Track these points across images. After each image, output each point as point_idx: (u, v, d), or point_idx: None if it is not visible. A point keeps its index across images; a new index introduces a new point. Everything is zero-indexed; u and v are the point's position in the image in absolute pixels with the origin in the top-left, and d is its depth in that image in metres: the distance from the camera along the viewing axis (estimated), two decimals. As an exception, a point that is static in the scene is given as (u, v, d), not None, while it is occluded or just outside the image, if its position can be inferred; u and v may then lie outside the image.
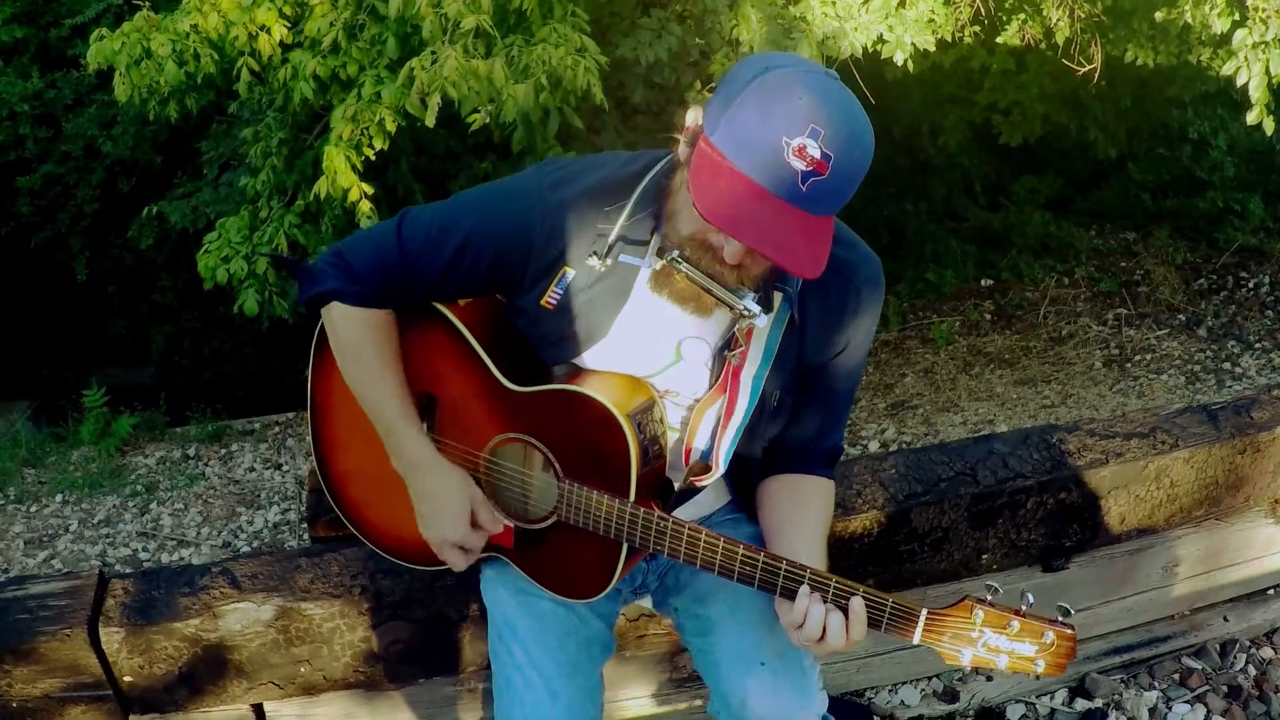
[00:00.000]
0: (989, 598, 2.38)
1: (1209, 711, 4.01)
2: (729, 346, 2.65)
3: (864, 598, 2.44)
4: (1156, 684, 4.12)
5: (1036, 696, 4.08)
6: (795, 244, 2.26)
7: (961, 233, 10.26)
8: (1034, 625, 2.37)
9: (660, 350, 2.68)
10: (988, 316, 9.18)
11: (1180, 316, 8.81)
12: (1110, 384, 7.89)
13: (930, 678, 4.08)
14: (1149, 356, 8.25)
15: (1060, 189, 10.84)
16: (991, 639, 2.39)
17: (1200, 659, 4.20)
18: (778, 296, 2.62)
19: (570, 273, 2.62)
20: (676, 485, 2.76)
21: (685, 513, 2.73)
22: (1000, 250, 9.98)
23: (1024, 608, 2.38)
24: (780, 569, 2.49)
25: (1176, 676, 4.15)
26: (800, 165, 2.18)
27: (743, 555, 2.52)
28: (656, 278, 2.54)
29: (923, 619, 2.41)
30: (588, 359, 2.70)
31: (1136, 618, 4.19)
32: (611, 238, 2.56)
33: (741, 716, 2.77)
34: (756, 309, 2.47)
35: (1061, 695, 4.09)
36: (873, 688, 4.04)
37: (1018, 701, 4.06)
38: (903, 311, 9.36)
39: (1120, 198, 10.67)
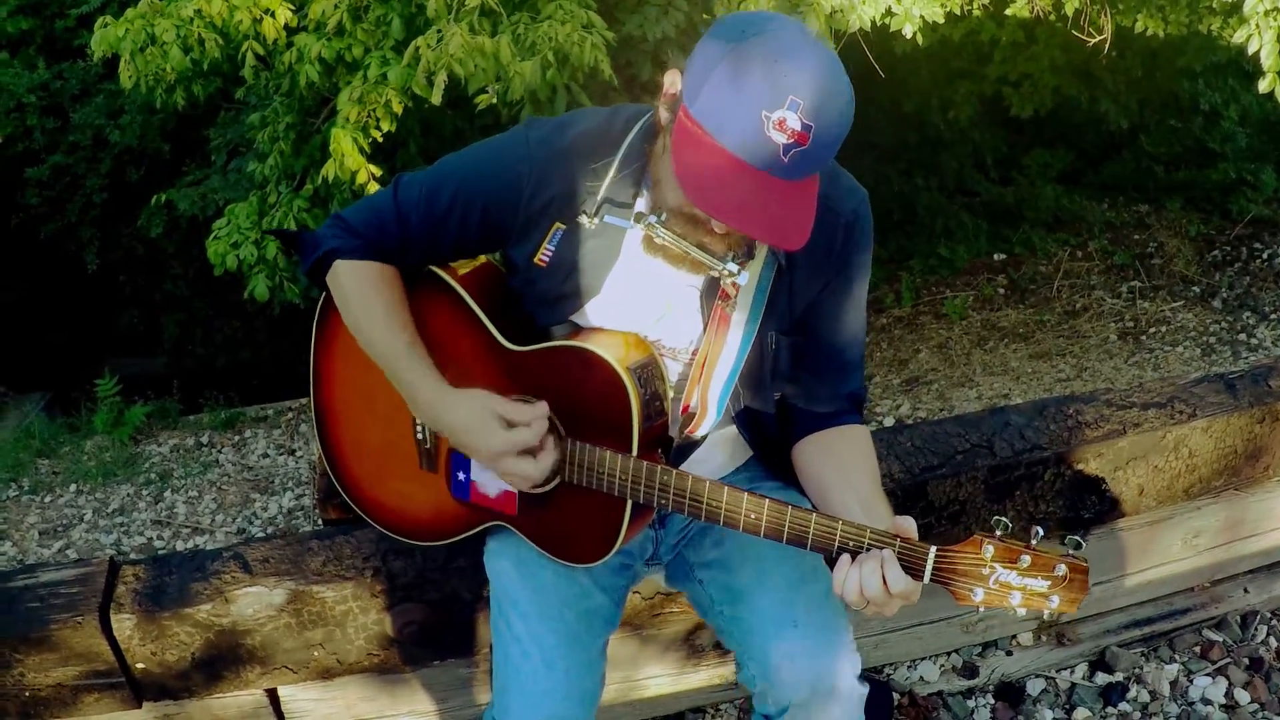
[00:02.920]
0: (998, 533, 2.34)
1: (1230, 684, 3.99)
2: (719, 296, 2.64)
3: (871, 541, 2.41)
4: (1177, 657, 4.09)
5: (1056, 671, 4.05)
6: (779, 216, 2.27)
7: (973, 207, 10.25)
8: (1045, 558, 2.31)
9: (652, 303, 2.69)
10: (1001, 291, 9.17)
11: (1195, 288, 8.79)
12: (1125, 356, 7.86)
13: (949, 653, 4.06)
14: (1164, 329, 8.23)
15: (1072, 162, 10.83)
16: (1003, 575, 2.33)
17: (1221, 631, 4.18)
18: (762, 244, 2.61)
19: (562, 229, 2.64)
20: (675, 440, 2.75)
21: (702, 473, 2.71)
22: (1012, 224, 9.97)
23: (1033, 542, 2.34)
24: (786, 514, 2.47)
25: (1197, 649, 4.12)
26: (781, 139, 2.18)
27: (747, 503, 2.50)
28: (649, 243, 2.55)
29: (931, 556, 2.36)
30: (583, 317, 2.72)
31: (1156, 590, 4.16)
32: (599, 197, 2.59)
33: (777, 679, 2.74)
34: (736, 268, 2.47)
35: (1082, 669, 4.06)
36: (891, 664, 4.02)
37: (1038, 676, 4.03)
38: (915, 287, 9.36)
39: (1132, 170, 10.65)
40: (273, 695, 3.55)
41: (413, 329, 2.73)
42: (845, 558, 2.43)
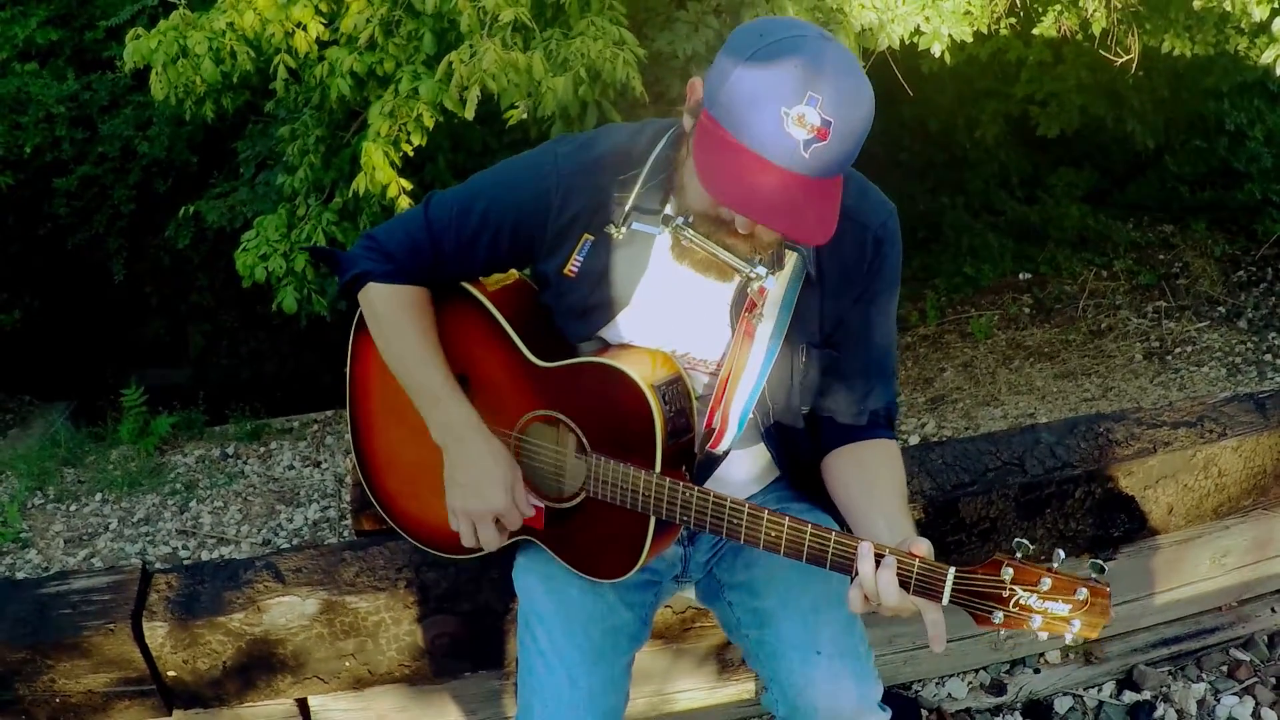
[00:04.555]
0: (1018, 554, 2.34)
1: (1258, 703, 3.98)
2: (746, 308, 2.65)
3: (890, 554, 2.40)
4: (1204, 676, 4.09)
5: (1084, 689, 4.05)
6: (803, 213, 2.29)
7: (999, 226, 10.23)
8: (1066, 582, 2.29)
9: (683, 315, 2.71)
10: (1026, 310, 9.15)
11: (1220, 308, 8.76)
12: (1151, 376, 7.84)
13: (977, 670, 4.06)
14: (1189, 349, 8.20)
15: (1097, 182, 10.79)
16: (1023, 598, 2.31)
17: (1248, 650, 4.17)
18: (791, 255, 2.64)
19: (591, 240, 2.68)
20: (697, 455, 2.77)
21: (728, 492, 2.72)
22: (1038, 244, 9.94)
23: (1055, 565, 2.33)
24: (805, 533, 2.47)
25: (1224, 668, 4.12)
26: (801, 134, 2.21)
27: (767, 521, 2.51)
28: (677, 249, 2.58)
29: (950, 577, 2.35)
30: (613, 329, 2.75)
31: (1184, 609, 4.15)
32: (627, 207, 2.62)
33: (799, 705, 2.75)
34: (764, 271, 2.49)
35: (1109, 687, 4.06)
36: (920, 681, 4.02)
37: (1065, 694, 4.03)
38: (940, 306, 9.34)
39: (1158, 190, 10.62)
40: (303, 705, 3.57)
41: (442, 356, 2.79)
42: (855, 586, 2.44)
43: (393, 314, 2.79)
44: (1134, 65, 6.55)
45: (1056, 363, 8.30)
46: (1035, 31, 6.49)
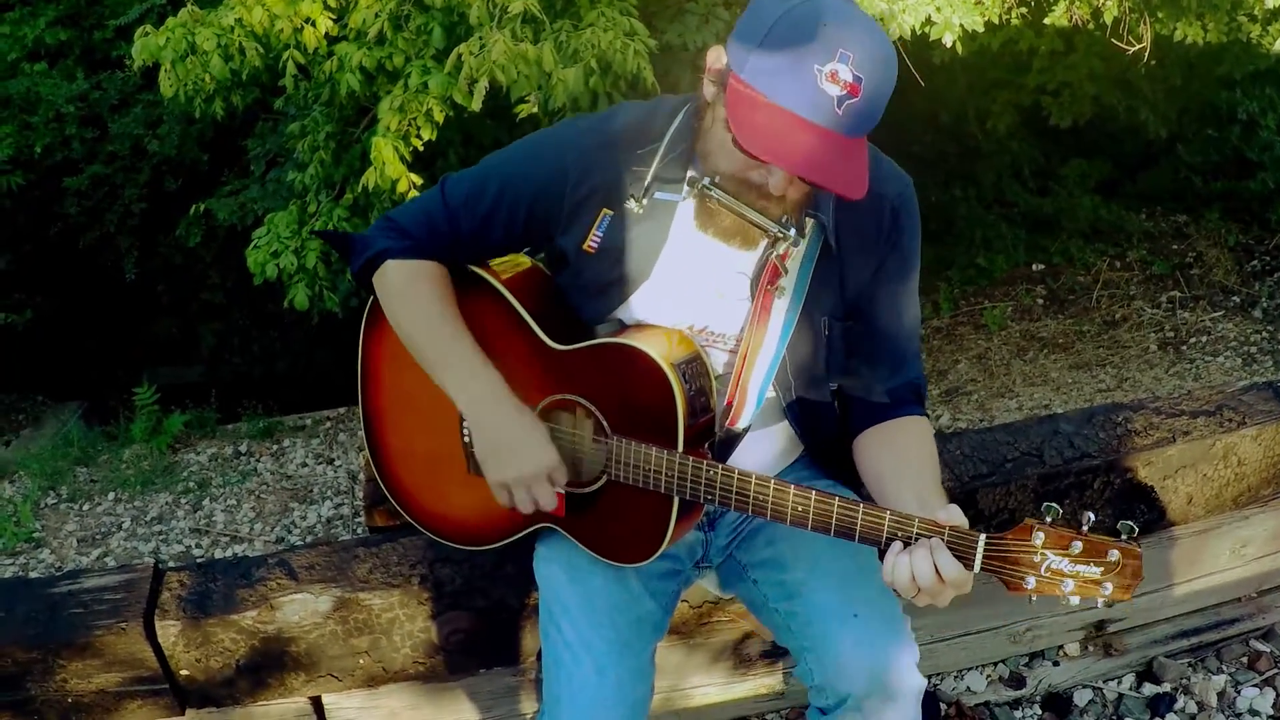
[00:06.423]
0: (1048, 519, 2.32)
1: (1278, 694, 3.95)
2: (767, 279, 2.65)
3: (919, 531, 2.40)
4: (1225, 667, 4.06)
5: (1103, 681, 4.03)
6: (838, 167, 2.33)
7: (1011, 218, 10.20)
8: (1097, 544, 2.29)
9: (703, 288, 2.71)
10: (1040, 301, 9.12)
11: (1235, 298, 8.73)
12: (1166, 366, 7.81)
13: (996, 663, 4.03)
14: (1204, 339, 8.17)
15: (1110, 172, 10.76)
16: (1054, 562, 2.30)
17: (1268, 642, 4.14)
18: (809, 223, 2.65)
19: (610, 214, 2.68)
20: (717, 434, 2.76)
21: (751, 468, 2.70)
22: (1051, 235, 9.92)
23: (1085, 528, 2.31)
24: (833, 505, 2.47)
25: (1245, 660, 4.09)
26: (835, 90, 2.25)
27: (794, 496, 2.50)
28: (700, 215, 2.59)
29: (981, 544, 2.35)
30: (632, 305, 2.74)
31: (1204, 600, 4.13)
32: (648, 179, 2.62)
33: (838, 669, 2.73)
34: (791, 231, 2.51)
35: (1129, 680, 4.04)
36: (938, 674, 4.00)
37: (1085, 686, 4.01)
38: (954, 298, 9.32)
39: (1170, 180, 10.58)
40: (316, 703, 3.55)
41: (464, 326, 2.74)
42: (895, 545, 2.43)
43: (413, 288, 2.76)
44: (1146, 54, 6.52)
45: (1071, 354, 8.27)
46: (1046, 21, 6.46)
